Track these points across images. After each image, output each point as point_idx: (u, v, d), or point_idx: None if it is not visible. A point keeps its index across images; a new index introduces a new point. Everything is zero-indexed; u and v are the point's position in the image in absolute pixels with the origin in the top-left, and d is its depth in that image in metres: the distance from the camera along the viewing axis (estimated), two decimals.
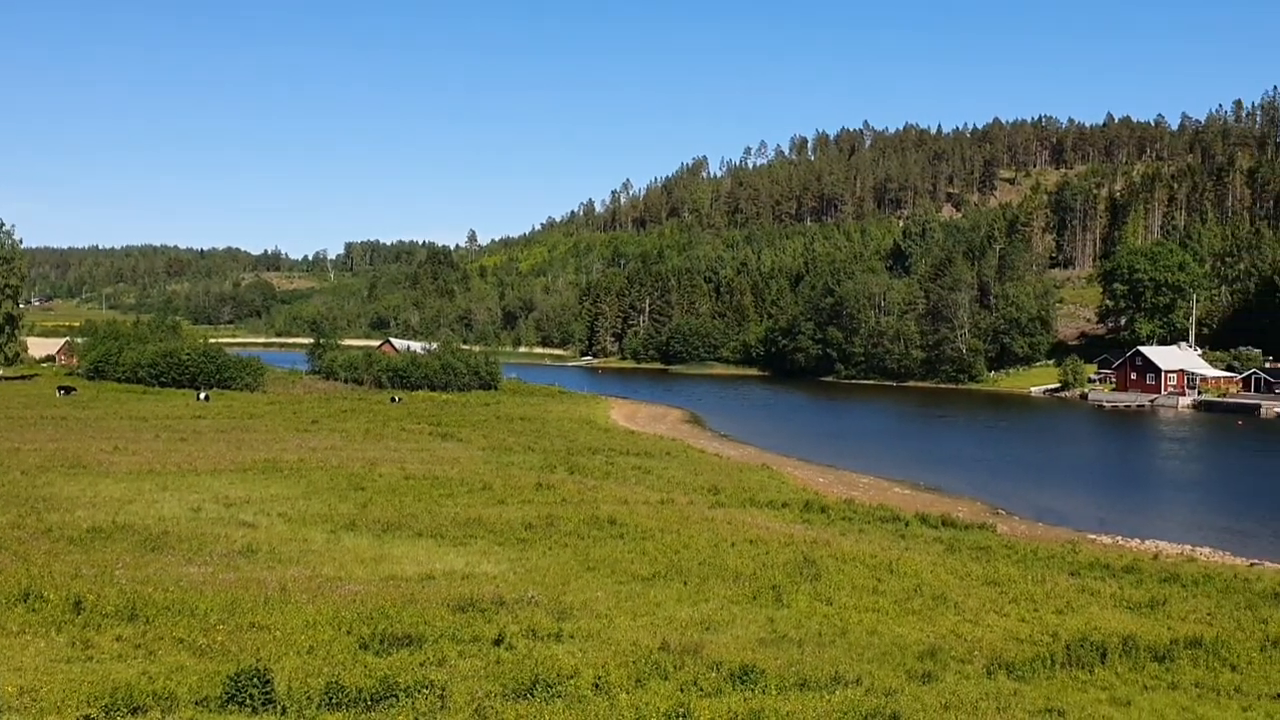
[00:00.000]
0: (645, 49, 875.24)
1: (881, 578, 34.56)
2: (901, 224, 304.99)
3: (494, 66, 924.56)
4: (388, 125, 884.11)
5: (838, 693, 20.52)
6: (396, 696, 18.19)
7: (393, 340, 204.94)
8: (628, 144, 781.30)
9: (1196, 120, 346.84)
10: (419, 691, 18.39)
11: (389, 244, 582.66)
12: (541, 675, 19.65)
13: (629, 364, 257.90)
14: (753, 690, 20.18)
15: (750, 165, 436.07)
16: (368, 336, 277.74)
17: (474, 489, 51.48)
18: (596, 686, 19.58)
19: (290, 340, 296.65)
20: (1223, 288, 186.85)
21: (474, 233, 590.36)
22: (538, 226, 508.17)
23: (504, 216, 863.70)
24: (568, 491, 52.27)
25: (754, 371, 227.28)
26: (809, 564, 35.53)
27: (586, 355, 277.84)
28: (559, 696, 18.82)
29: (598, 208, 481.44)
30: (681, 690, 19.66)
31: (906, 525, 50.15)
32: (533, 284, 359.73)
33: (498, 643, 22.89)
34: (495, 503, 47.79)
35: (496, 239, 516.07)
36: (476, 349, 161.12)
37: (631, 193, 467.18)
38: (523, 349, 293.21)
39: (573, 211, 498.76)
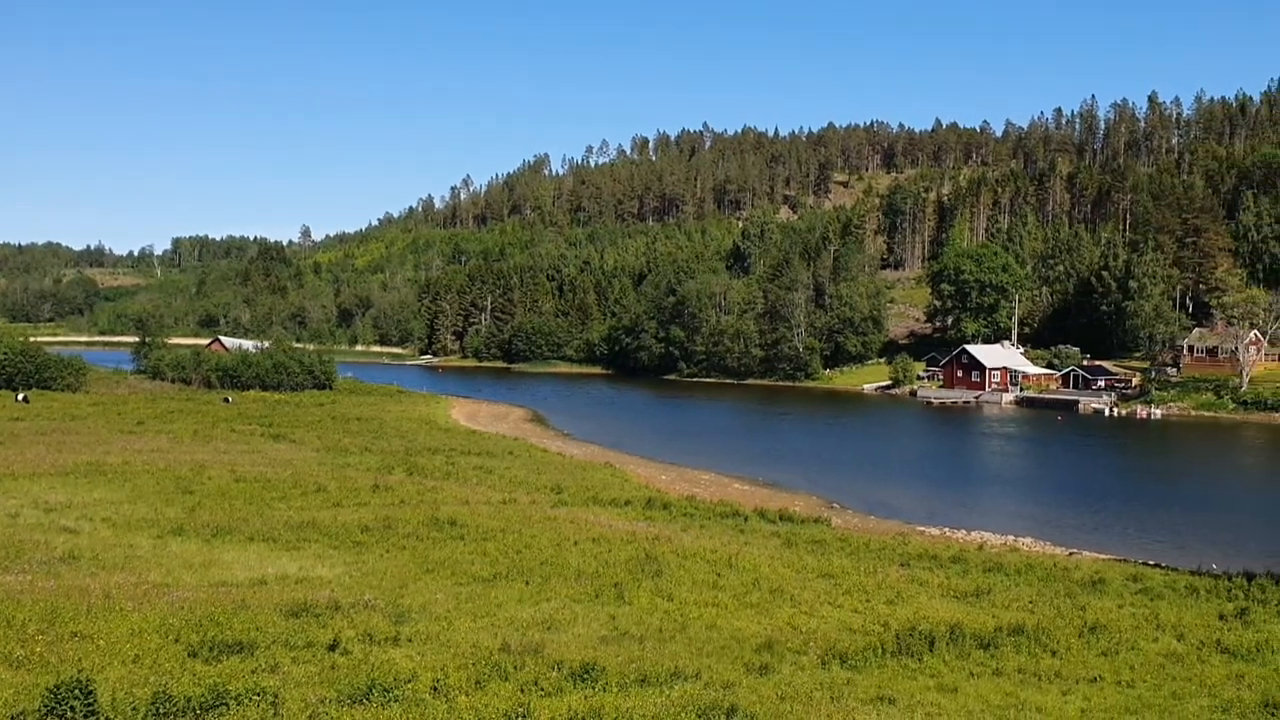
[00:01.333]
0: (484, 44, 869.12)
1: (721, 573, 34.92)
2: (741, 225, 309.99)
3: (327, 56, 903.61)
4: (215, 116, 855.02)
5: (677, 687, 20.64)
6: (227, 705, 17.58)
7: (223, 339, 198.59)
8: (468, 140, 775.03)
9: (1020, 127, 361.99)
10: (250, 699, 17.81)
11: (219, 239, 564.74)
12: (378, 680, 19.24)
13: (471, 363, 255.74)
14: (593, 688, 20.15)
15: (592, 164, 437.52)
16: (197, 335, 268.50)
17: (308, 491, 50.21)
18: (435, 689, 19.28)
19: (115, 339, 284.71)
20: (1043, 288, 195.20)
21: (308, 228, 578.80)
22: (375, 222, 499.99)
23: (340, 212, 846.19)
24: (406, 493, 51.43)
25: (598, 370, 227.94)
26: (651, 561, 35.69)
27: (426, 354, 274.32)
28: (396, 701, 18.46)
29: (437, 204, 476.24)
30: (522, 691, 19.52)
31: (746, 520, 50.88)
32: (370, 281, 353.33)
33: (333, 648, 22.33)
34: (330, 505, 46.70)
35: (332, 235, 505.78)
36: (311, 347, 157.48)
37: (472, 189, 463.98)
38: (360, 347, 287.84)
39: (411, 207, 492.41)
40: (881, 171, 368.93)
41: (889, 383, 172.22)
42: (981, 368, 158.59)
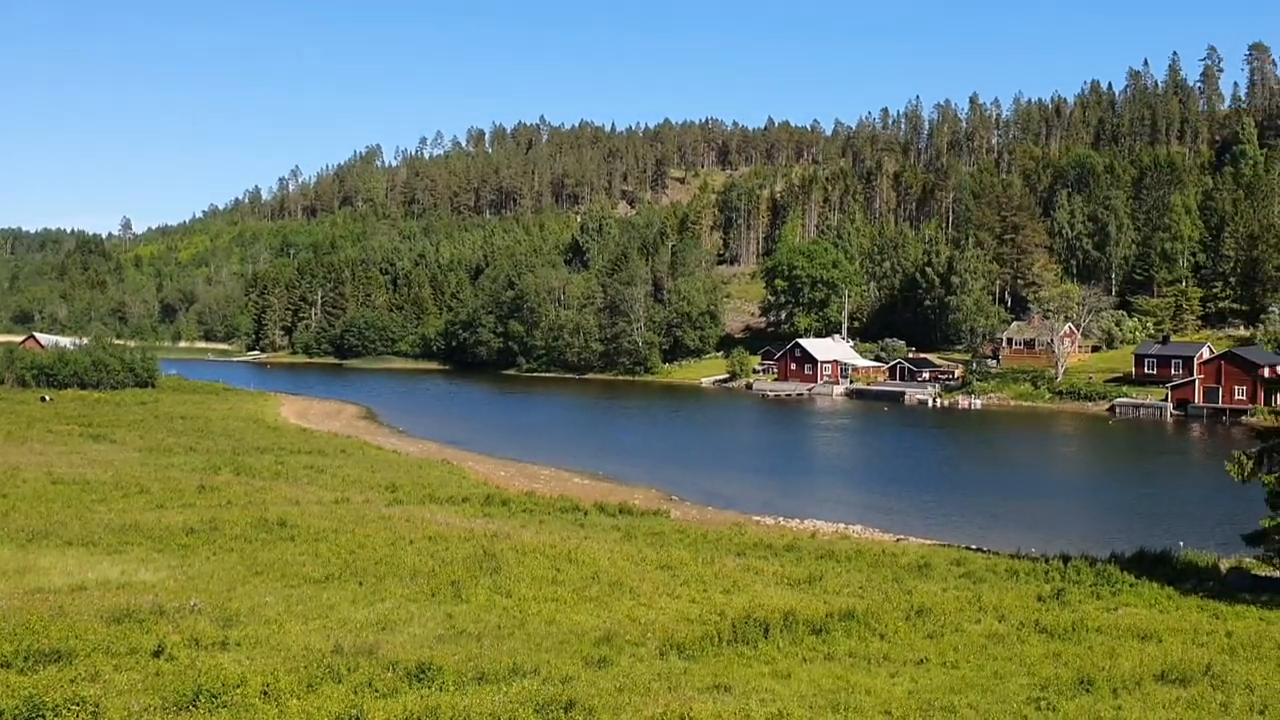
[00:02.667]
0: (312, 32, 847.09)
1: (561, 567, 34.84)
2: (579, 219, 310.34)
3: (146, 39, 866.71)
4: (28, 103, 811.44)
5: (515, 684, 20.48)
6: (44, 716, 16.71)
7: (38, 335, 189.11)
8: (297, 130, 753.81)
9: (848, 126, 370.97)
10: (69, 709, 16.95)
11: (33, 232, 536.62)
12: (205, 685, 18.54)
13: (301, 359, 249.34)
14: (429, 688, 19.84)
15: (426, 155, 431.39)
16: (9, 331, 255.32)
17: (130, 493, 48.20)
18: (265, 694, 18.68)
19: None
20: (872, 284, 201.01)
21: (129, 220, 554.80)
22: (199, 214, 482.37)
23: (161, 204, 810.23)
24: (234, 493, 49.85)
25: (434, 365, 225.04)
26: (489, 557, 35.39)
27: (254, 350, 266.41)
28: (224, 706, 17.82)
29: (265, 196, 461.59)
30: (355, 692, 19.08)
31: (586, 515, 50.96)
32: (194, 275, 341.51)
33: (157, 654, 21.42)
34: (154, 507, 44.91)
35: (154, 227, 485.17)
36: (132, 344, 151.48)
37: (301, 180, 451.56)
38: (184, 344, 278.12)
39: (238, 199, 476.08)
40: (717, 168, 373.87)
41: (726, 376, 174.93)
42: (814, 361, 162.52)
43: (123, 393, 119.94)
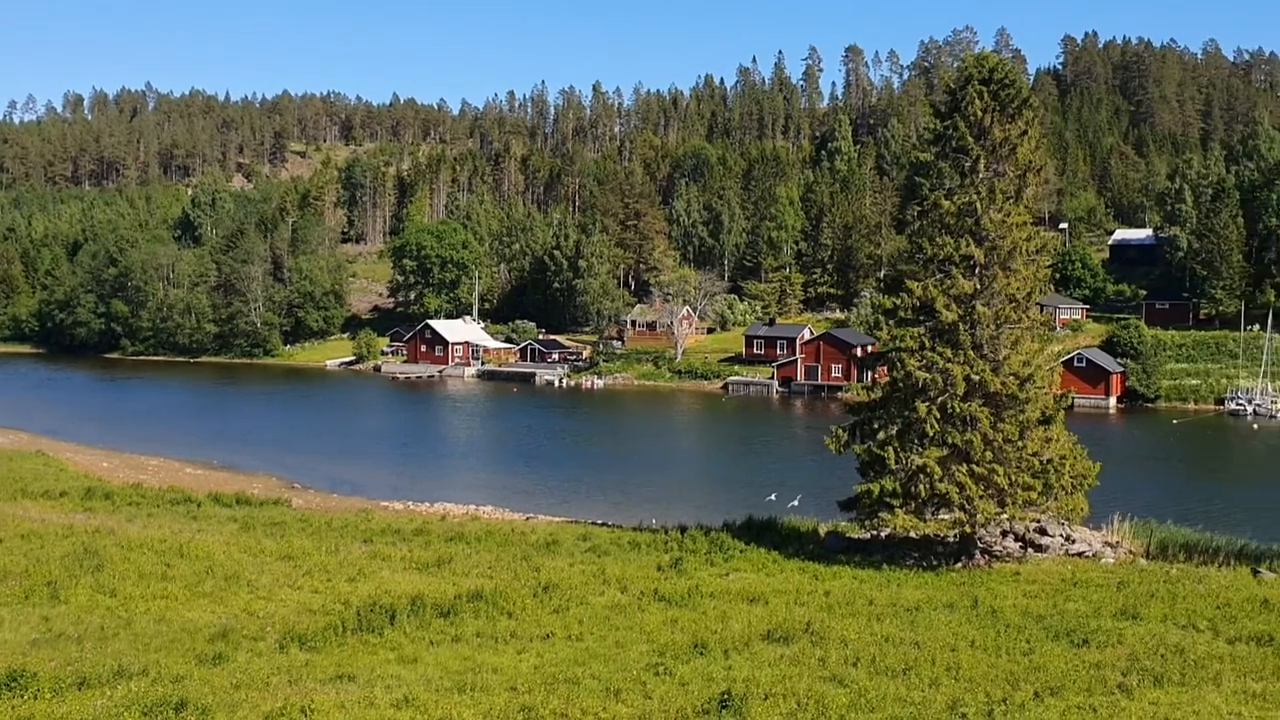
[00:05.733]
0: None
1: (171, 562, 33.13)
2: (191, 193, 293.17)
3: None
4: None
5: (120, 687, 19.35)
6: None
7: None
8: None
9: (476, 107, 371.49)
10: None
11: None
12: None
13: None
14: (22, 697, 18.39)
15: (16, 121, 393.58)
16: None
17: None
18: None
19: None
20: (502, 265, 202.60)
21: None
22: None
23: None
24: None
25: (26, 349, 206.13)
26: (91, 555, 33.09)
27: None
28: None
29: None
30: None
31: (199, 506, 48.72)
32: None
33: None
34: None
35: None
36: None
37: None
38: None
39: None
40: (340, 143, 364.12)
41: (353, 358, 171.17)
42: (445, 342, 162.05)
43: None
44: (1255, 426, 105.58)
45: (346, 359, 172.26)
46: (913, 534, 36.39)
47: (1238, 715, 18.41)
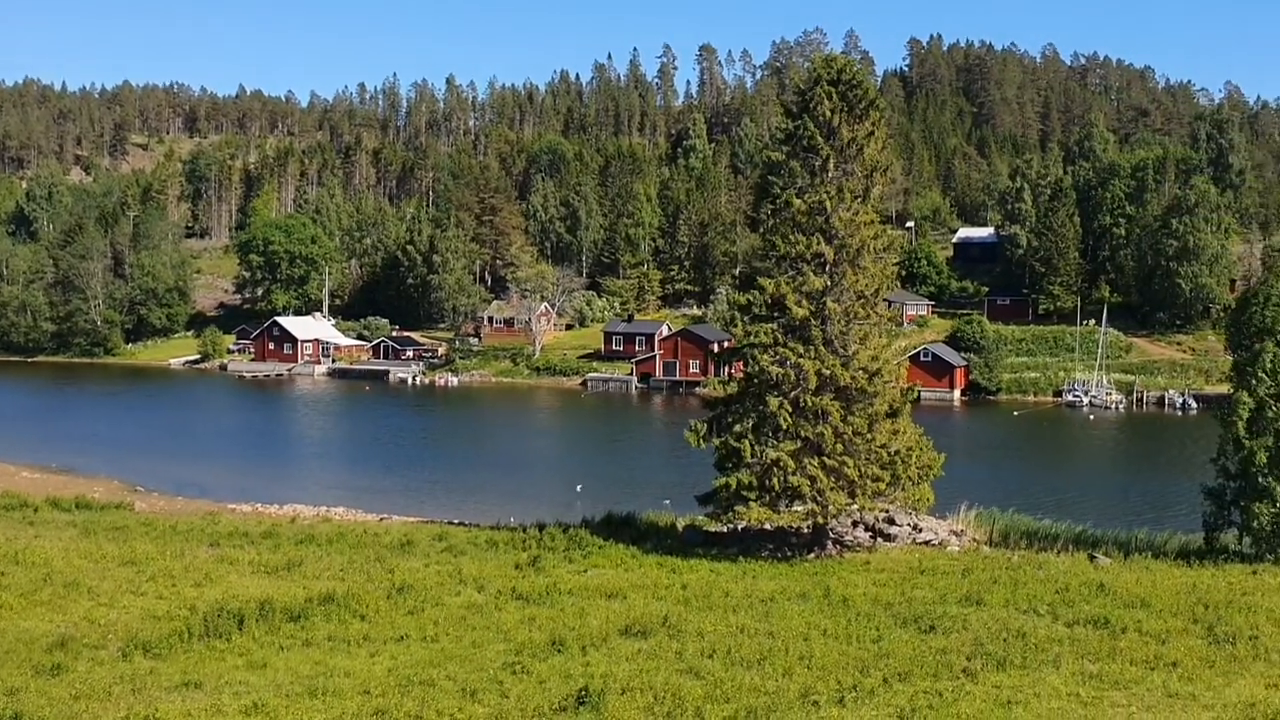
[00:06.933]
0: None
1: (6, 570, 31.75)
2: (25, 185, 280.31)
3: None
4: None
5: None
6: None
7: None
8: None
9: (325, 100, 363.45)
10: None
11: None
12: None
13: None
14: None
15: None
16: None
17: None
18: None
19: None
20: (353, 261, 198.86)
21: None
22: None
23: None
24: None
25: None
26: None
27: None
28: None
29: None
30: None
31: (36, 511, 46.66)
32: None
33: None
34: None
35: None
36: None
37: None
38: None
39: None
40: (184, 136, 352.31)
41: (198, 357, 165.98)
42: (294, 340, 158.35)
43: None
44: (1091, 417, 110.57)
45: (191, 357, 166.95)
46: (767, 526, 37.02)
47: (1075, 695, 19.20)
